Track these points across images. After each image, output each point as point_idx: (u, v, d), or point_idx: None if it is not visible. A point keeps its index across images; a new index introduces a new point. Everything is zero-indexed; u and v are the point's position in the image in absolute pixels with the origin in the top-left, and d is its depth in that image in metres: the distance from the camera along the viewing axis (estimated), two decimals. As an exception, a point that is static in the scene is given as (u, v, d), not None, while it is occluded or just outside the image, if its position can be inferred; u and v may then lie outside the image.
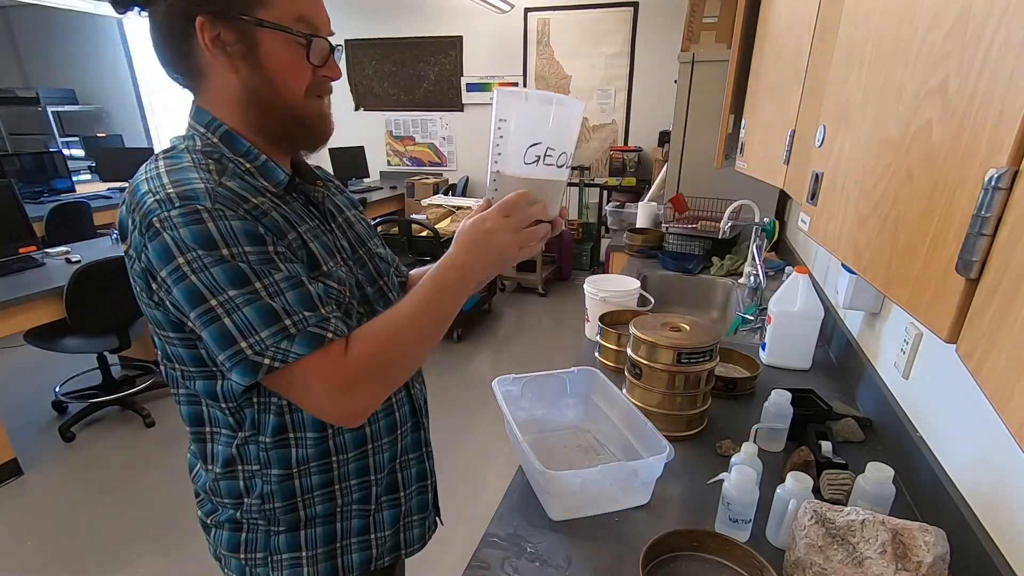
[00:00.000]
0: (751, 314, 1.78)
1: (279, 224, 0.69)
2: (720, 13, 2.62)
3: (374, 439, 0.85)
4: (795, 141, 1.08)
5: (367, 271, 0.87)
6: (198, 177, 0.65)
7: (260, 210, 0.67)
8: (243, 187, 0.68)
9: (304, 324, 0.64)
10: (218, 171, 0.68)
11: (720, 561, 0.84)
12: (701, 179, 2.72)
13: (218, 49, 0.66)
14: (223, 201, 0.64)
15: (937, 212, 0.46)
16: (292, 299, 0.65)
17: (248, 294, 0.63)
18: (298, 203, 0.77)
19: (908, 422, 1.07)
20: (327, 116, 0.76)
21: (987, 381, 0.37)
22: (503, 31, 5.08)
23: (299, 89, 0.70)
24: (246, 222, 0.64)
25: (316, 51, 0.69)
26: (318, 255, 0.73)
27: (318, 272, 0.73)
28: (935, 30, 0.49)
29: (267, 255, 0.65)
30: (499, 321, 4.25)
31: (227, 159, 0.71)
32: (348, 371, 0.66)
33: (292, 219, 0.73)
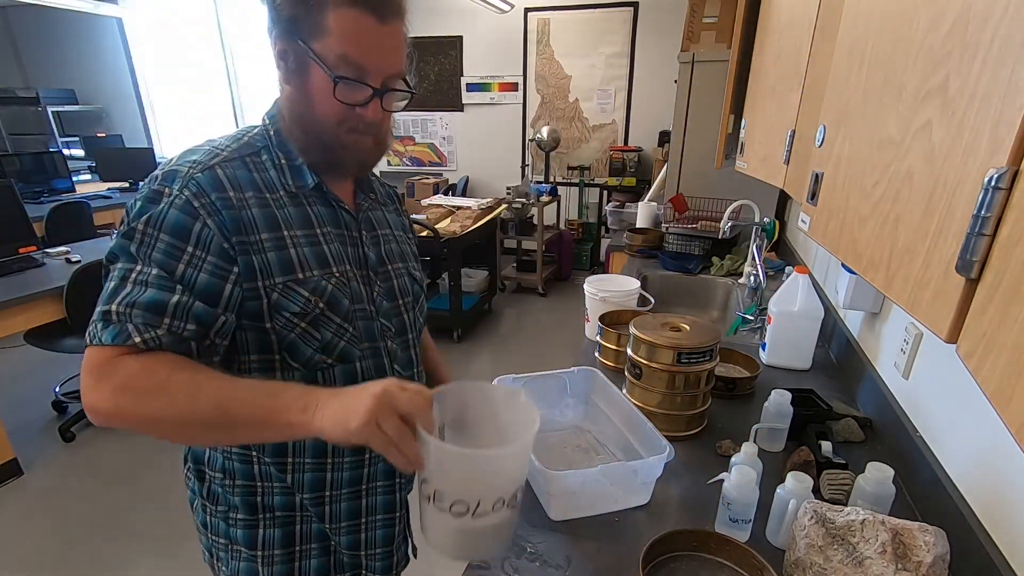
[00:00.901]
0: (751, 314, 1.78)
1: (254, 222, 0.72)
2: (720, 13, 2.62)
3: (334, 455, 0.84)
4: (795, 141, 1.08)
5: (389, 286, 0.88)
6: (194, 161, 0.72)
7: (241, 203, 0.72)
8: (245, 178, 0.74)
9: (126, 318, 0.64)
10: (230, 157, 0.74)
11: (720, 561, 0.84)
12: (701, 179, 2.72)
13: (281, 61, 0.73)
14: (191, 188, 0.69)
15: (937, 212, 0.46)
16: (144, 295, 0.65)
17: (123, 270, 0.67)
18: (324, 207, 0.80)
19: (908, 422, 1.07)
20: (361, 150, 0.78)
21: (987, 381, 0.37)
22: (503, 31, 5.08)
23: (330, 119, 0.73)
24: (186, 215, 0.68)
25: (341, 91, 0.71)
26: (298, 260, 0.75)
27: (289, 277, 0.74)
28: (935, 30, 0.49)
29: (173, 250, 0.67)
30: (499, 321, 4.25)
31: (268, 151, 0.78)
32: (112, 371, 0.62)
33: (300, 219, 0.77)
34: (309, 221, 0.78)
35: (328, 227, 0.80)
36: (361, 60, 0.70)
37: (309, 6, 0.69)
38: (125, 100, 6.30)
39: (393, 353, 0.87)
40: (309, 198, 0.79)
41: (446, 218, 3.86)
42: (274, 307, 0.73)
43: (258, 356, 0.76)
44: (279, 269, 0.73)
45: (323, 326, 0.77)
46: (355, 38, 0.69)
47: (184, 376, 0.64)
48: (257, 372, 0.77)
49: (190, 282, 0.68)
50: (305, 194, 0.79)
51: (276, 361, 0.76)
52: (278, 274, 0.73)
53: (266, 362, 0.77)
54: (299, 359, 0.77)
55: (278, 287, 0.73)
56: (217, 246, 0.69)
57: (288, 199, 0.77)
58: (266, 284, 0.73)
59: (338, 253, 0.80)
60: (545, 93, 5.18)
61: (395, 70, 0.74)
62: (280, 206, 0.76)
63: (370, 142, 0.78)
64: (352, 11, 0.68)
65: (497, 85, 5.27)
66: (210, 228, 0.69)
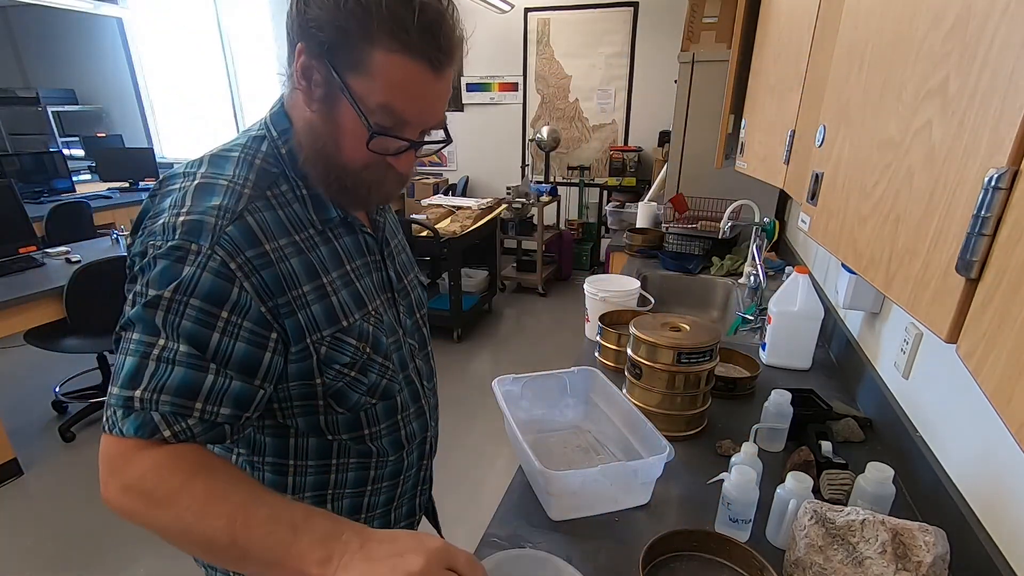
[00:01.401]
0: (751, 314, 1.78)
1: (294, 274, 0.65)
2: (720, 13, 2.62)
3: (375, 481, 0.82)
4: (795, 141, 1.07)
5: (408, 303, 0.85)
6: (218, 206, 0.61)
7: (279, 255, 0.64)
8: (275, 221, 0.65)
9: (152, 405, 0.56)
10: (253, 195, 0.64)
11: (720, 561, 0.84)
12: (701, 179, 2.72)
13: (304, 79, 0.63)
14: (224, 245, 0.60)
15: (937, 212, 0.46)
16: (173, 377, 0.57)
17: (143, 343, 0.58)
18: (349, 237, 0.74)
19: (908, 422, 1.07)
20: (387, 190, 0.71)
21: (987, 381, 0.37)
22: (503, 31, 5.08)
23: (356, 163, 0.66)
24: (223, 279, 0.59)
25: (377, 144, 0.63)
26: (340, 307, 0.69)
27: (336, 327, 0.69)
28: (935, 30, 0.49)
29: (206, 318, 0.59)
30: (499, 321, 4.25)
31: (286, 178, 0.68)
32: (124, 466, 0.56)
33: (332, 259, 0.70)
34: (339, 259, 0.72)
35: (356, 260, 0.74)
36: (405, 114, 0.62)
37: (351, 39, 0.58)
38: (125, 100, 6.29)
39: (420, 371, 0.86)
40: (335, 231, 0.72)
41: (446, 218, 3.86)
42: (324, 361, 0.69)
43: (301, 403, 0.71)
44: (325, 321, 0.68)
45: (370, 370, 0.74)
46: (403, 89, 0.61)
47: (200, 485, 0.55)
48: (300, 416, 0.72)
49: (225, 354, 0.60)
50: (331, 227, 0.72)
51: (320, 407, 0.72)
52: (325, 327, 0.68)
53: (309, 407, 0.72)
54: (345, 405, 0.73)
55: (326, 340, 0.68)
56: (255, 312, 0.62)
57: (318, 237, 0.70)
58: (314, 340, 0.67)
59: (369, 288, 0.75)
60: (545, 93, 5.18)
61: (436, 120, 0.66)
62: (312, 247, 0.68)
63: (394, 180, 0.71)
64: (404, 59, 0.59)
65: (497, 85, 5.27)
66: (248, 292, 0.61)
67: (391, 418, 0.80)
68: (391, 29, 0.58)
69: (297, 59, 0.62)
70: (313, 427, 0.74)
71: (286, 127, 0.69)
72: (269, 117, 0.71)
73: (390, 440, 0.81)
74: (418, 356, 0.86)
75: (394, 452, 0.82)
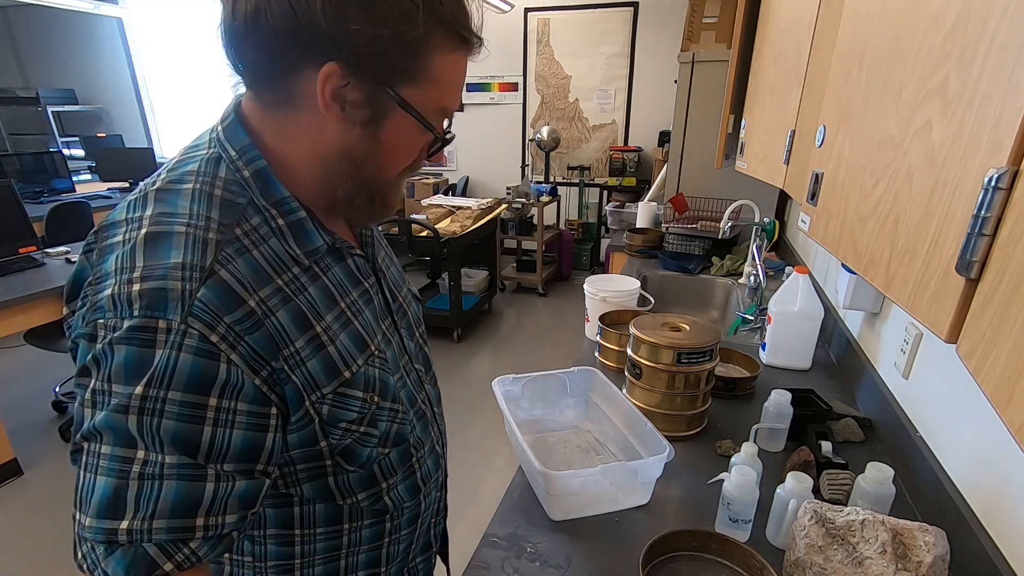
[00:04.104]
0: (751, 314, 1.78)
1: (283, 329, 0.54)
2: (720, 13, 2.62)
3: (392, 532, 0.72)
4: (795, 141, 1.07)
5: (407, 322, 0.75)
6: (180, 264, 0.49)
7: (264, 310, 0.52)
8: (254, 266, 0.53)
9: (144, 536, 0.46)
10: (222, 240, 0.52)
11: (720, 561, 0.84)
12: (701, 179, 2.72)
13: (335, 103, 0.53)
14: (199, 314, 0.48)
15: (937, 212, 0.46)
16: (164, 494, 0.46)
17: (117, 460, 0.46)
18: (338, 266, 0.63)
19: (908, 422, 1.07)
20: (400, 195, 0.67)
21: (987, 381, 0.37)
22: (503, 31, 5.08)
23: (395, 170, 0.61)
24: (205, 358, 0.48)
25: (439, 145, 0.60)
26: (340, 356, 0.58)
27: (338, 381, 0.58)
28: (935, 30, 0.49)
29: (193, 412, 0.47)
30: (499, 321, 4.25)
31: (256, 208, 0.56)
32: None
33: (324, 300, 0.59)
34: (331, 296, 0.60)
35: (351, 292, 0.63)
36: (454, 105, 0.59)
37: (411, 50, 0.52)
38: (125, 100, 6.30)
39: (432, 396, 0.78)
40: (322, 263, 0.61)
41: (446, 218, 3.86)
42: (327, 422, 0.58)
43: (306, 467, 0.61)
44: (325, 376, 0.57)
45: (380, 419, 0.63)
46: (456, 85, 0.57)
47: None
48: (308, 482, 0.62)
49: (223, 450, 0.49)
50: (317, 260, 0.60)
51: (328, 468, 0.62)
52: (325, 383, 0.57)
53: (316, 471, 0.61)
54: (356, 462, 0.63)
55: (328, 399, 0.57)
56: (250, 388, 0.51)
57: (304, 277, 0.58)
58: (314, 400, 0.56)
59: (369, 322, 0.64)
60: (545, 93, 5.18)
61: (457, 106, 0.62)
62: (299, 290, 0.56)
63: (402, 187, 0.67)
64: (458, 55, 0.56)
65: (497, 85, 5.27)
66: (237, 367, 0.49)
67: (406, 463, 0.70)
68: (451, 27, 0.54)
69: (321, 86, 0.51)
70: (321, 492, 0.63)
71: (246, 144, 0.56)
72: (222, 132, 0.57)
73: (406, 486, 0.71)
74: (427, 381, 0.77)
75: (411, 498, 0.72)
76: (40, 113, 5.91)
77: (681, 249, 2.49)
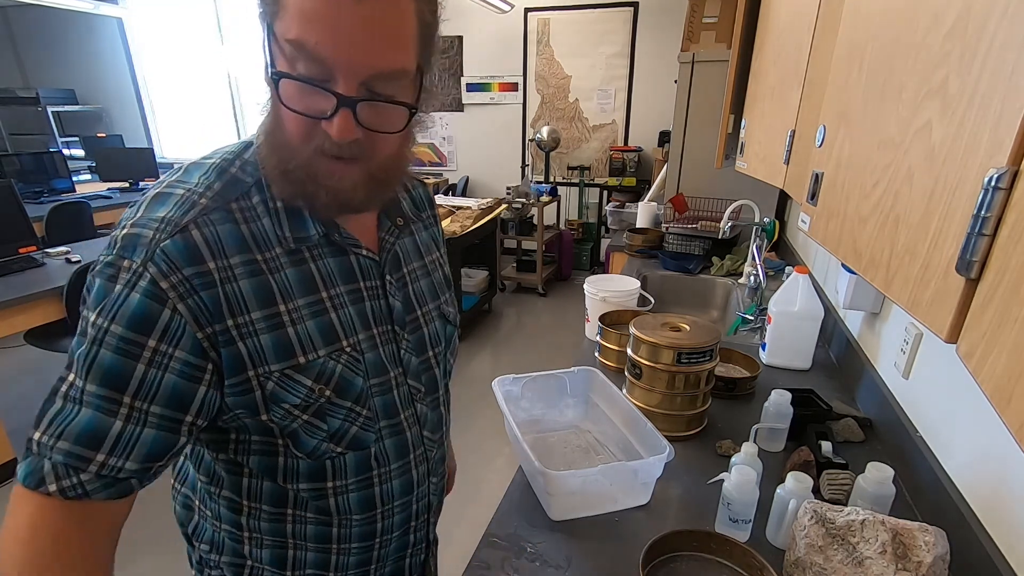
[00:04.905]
0: (751, 314, 1.78)
1: (242, 298, 0.56)
2: (720, 13, 2.62)
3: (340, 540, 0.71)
4: (795, 141, 1.07)
5: (418, 337, 0.73)
6: (162, 217, 0.54)
7: (226, 275, 0.55)
8: (231, 235, 0.56)
9: (45, 451, 0.51)
10: (211, 206, 0.56)
11: (720, 561, 0.84)
12: (701, 179, 2.72)
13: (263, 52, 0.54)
14: (158, 261, 0.52)
15: (937, 212, 0.46)
16: (76, 419, 0.51)
17: (61, 379, 0.53)
18: (334, 259, 0.64)
19: (908, 422, 1.07)
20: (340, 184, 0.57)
21: (987, 381, 0.37)
22: (503, 31, 5.08)
23: (294, 136, 0.55)
24: (151, 299, 0.51)
25: (290, 93, 0.52)
26: (298, 341, 0.60)
27: (288, 363, 0.59)
28: (935, 30, 0.49)
29: (129, 347, 0.51)
30: (499, 321, 4.25)
31: (260, 188, 0.60)
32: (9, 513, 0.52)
33: (301, 284, 0.61)
34: (312, 284, 0.62)
35: (339, 286, 0.64)
36: (321, 50, 0.50)
37: None
38: (125, 100, 6.30)
39: (422, 417, 0.75)
40: (313, 251, 0.63)
41: (446, 218, 3.86)
42: (269, 398, 0.59)
43: (260, 437, 0.63)
44: (275, 355, 0.59)
45: (330, 415, 0.63)
46: (315, 18, 0.49)
47: None
48: (258, 455, 0.64)
49: (151, 389, 0.52)
50: (308, 247, 0.62)
51: (279, 445, 0.64)
52: (273, 361, 0.58)
53: (268, 445, 0.64)
54: (303, 449, 0.64)
55: (273, 376, 0.59)
56: (189, 339, 0.54)
57: (286, 258, 0.60)
58: (259, 373, 0.58)
59: (349, 319, 0.64)
60: (545, 93, 5.17)
61: (380, 68, 0.52)
62: (275, 269, 0.59)
63: (355, 172, 0.57)
64: None
65: (497, 85, 5.27)
66: (181, 315, 0.53)
67: (363, 473, 0.69)
68: None
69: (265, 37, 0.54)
70: (267, 470, 0.65)
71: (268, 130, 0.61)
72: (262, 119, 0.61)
73: (357, 498, 0.69)
74: (422, 401, 0.74)
75: (361, 512, 0.70)
76: (40, 113, 5.91)
77: (681, 249, 2.49)
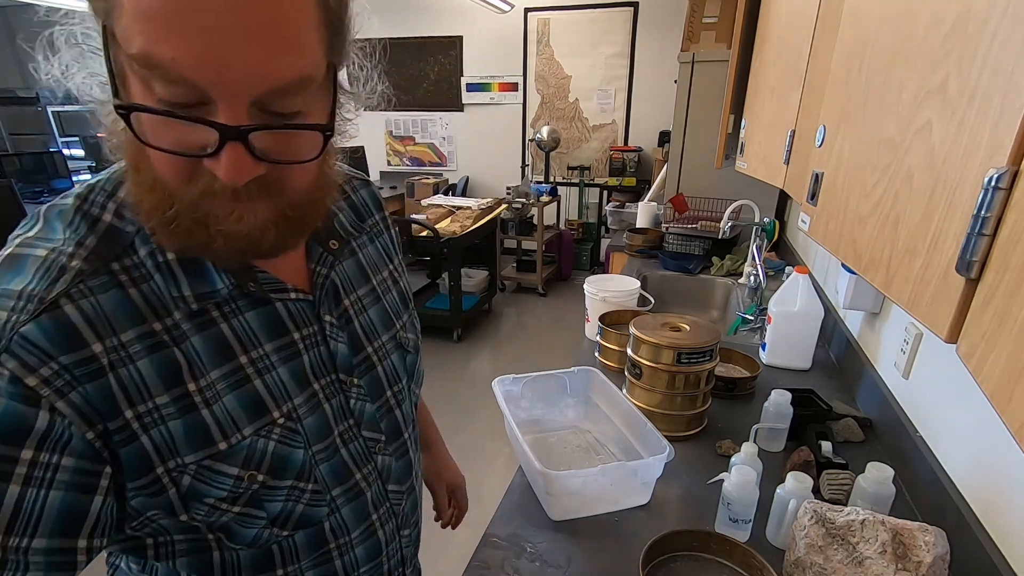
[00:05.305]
0: (751, 314, 1.78)
1: (142, 382, 0.45)
2: (720, 13, 2.62)
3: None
4: (795, 141, 1.08)
5: (372, 379, 0.62)
6: (19, 291, 0.42)
7: (117, 357, 0.44)
8: (122, 305, 0.45)
9: None
10: (87, 270, 0.44)
11: (720, 561, 0.84)
12: (701, 179, 2.72)
13: None
14: (18, 352, 0.40)
15: (937, 212, 0.46)
16: None
17: None
18: (252, 311, 0.52)
19: (908, 422, 1.07)
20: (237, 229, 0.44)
21: (987, 381, 0.37)
22: (503, 31, 5.08)
23: (167, 172, 0.42)
24: (18, 402, 0.40)
25: (142, 128, 0.40)
26: (216, 423, 0.48)
27: (206, 452, 0.48)
28: (935, 30, 0.49)
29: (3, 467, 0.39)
30: (499, 321, 4.25)
31: (145, 238, 0.47)
32: None
33: (213, 353, 0.49)
34: (227, 349, 0.50)
35: (262, 345, 0.52)
36: (181, 68, 0.36)
37: None
38: (125, 100, 6.30)
39: (385, 470, 0.64)
40: (225, 308, 0.50)
41: (446, 218, 3.86)
42: (187, 496, 0.48)
43: (184, 536, 0.51)
44: (188, 444, 0.47)
45: (268, 500, 0.52)
46: (158, 17, 0.36)
47: None
48: (187, 555, 0.53)
49: (33, 515, 0.40)
50: (217, 304, 0.50)
51: (211, 541, 0.52)
52: (187, 451, 0.47)
53: (197, 542, 0.52)
54: (240, 541, 0.53)
55: (189, 469, 0.47)
56: (79, 442, 0.42)
57: (187, 324, 0.48)
58: (170, 468, 0.47)
59: (279, 384, 0.53)
60: (545, 93, 5.18)
61: (274, 81, 0.39)
62: (178, 339, 0.47)
63: (260, 211, 0.44)
64: None
65: (497, 85, 5.27)
66: (64, 417, 0.41)
67: (318, 550, 0.59)
68: None
69: None
70: (201, 568, 0.54)
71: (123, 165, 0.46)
72: None
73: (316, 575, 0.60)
74: (383, 452, 0.63)
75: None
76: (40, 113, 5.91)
77: (681, 249, 2.49)
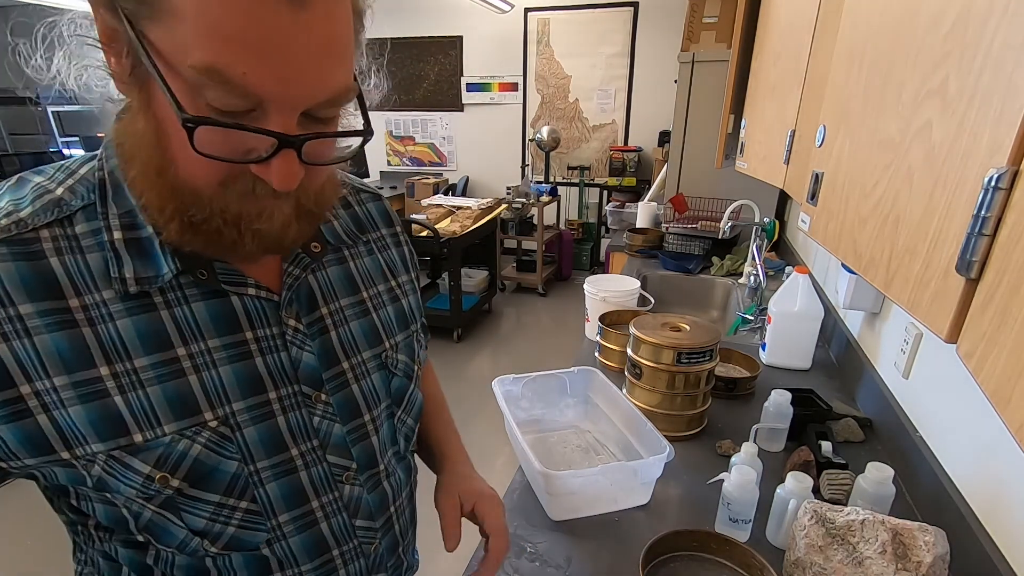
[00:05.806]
0: (751, 314, 1.78)
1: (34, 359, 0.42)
2: (720, 13, 2.62)
3: None
4: (795, 141, 1.08)
5: (345, 398, 0.56)
6: None
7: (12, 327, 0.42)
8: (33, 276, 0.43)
9: None
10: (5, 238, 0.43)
11: (720, 561, 0.84)
12: (701, 179, 2.72)
13: (111, 50, 0.41)
14: None
15: (937, 212, 0.46)
16: None
17: None
18: (204, 302, 0.49)
19: (908, 422, 1.07)
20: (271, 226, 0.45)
21: (987, 381, 0.37)
22: (503, 31, 5.08)
23: (201, 179, 0.42)
24: None
25: (206, 139, 0.39)
26: (130, 413, 0.45)
27: (115, 443, 0.45)
28: (935, 30, 0.49)
29: None
30: (499, 321, 4.25)
31: (96, 214, 0.46)
32: None
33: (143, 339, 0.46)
34: (162, 338, 0.46)
35: (204, 340, 0.48)
36: (251, 83, 0.37)
37: None
38: (125, 100, 6.30)
39: (352, 502, 0.58)
40: (170, 294, 0.47)
41: (446, 218, 3.86)
42: (97, 487, 0.46)
43: (119, 529, 0.50)
44: (95, 431, 0.44)
45: (186, 511, 0.49)
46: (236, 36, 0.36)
47: None
48: (123, 547, 0.51)
49: None
50: (160, 288, 0.47)
51: (141, 540, 0.50)
52: (94, 439, 0.44)
53: (129, 540, 0.51)
54: (169, 543, 0.50)
55: (99, 458, 0.45)
56: None
57: (118, 305, 0.45)
58: (78, 455, 0.44)
59: (216, 384, 0.49)
60: (545, 93, 5.17)
61: (325, 93, 0.41)
62: (98, 319, 0.44)
63: (286, 208, 0.45)
64: None
65: (497, 85, 5.27)
66: None
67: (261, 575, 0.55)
68: None
69: (96, 18, 0.40)
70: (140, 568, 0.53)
71: (107, 141, 0.47)
72: None
73: None
74: (352, 482, 0.57)
75: None
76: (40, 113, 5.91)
77: (681, 249, 2.49)
